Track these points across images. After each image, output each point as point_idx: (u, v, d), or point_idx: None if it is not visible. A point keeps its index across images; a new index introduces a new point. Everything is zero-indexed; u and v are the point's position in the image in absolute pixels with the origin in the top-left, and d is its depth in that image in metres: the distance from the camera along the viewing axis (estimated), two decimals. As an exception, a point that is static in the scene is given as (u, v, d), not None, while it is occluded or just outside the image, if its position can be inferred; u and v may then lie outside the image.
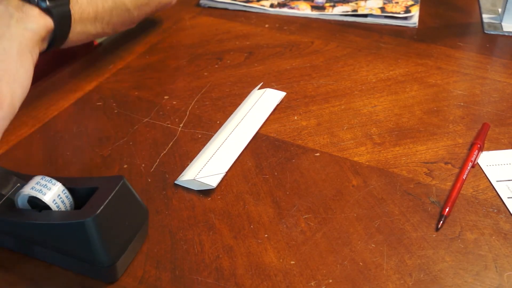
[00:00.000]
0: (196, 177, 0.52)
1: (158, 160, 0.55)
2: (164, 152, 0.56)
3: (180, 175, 0.53)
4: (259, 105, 0.62)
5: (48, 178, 0.43)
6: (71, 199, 0.43)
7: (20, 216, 0.42)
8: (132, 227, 0.44)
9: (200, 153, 0.56)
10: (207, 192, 0.52)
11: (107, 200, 0.41)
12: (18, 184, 0.45)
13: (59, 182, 0.43)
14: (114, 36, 0.78)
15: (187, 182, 0.52)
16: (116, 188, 0.42)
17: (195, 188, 0.52)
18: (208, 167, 0.53)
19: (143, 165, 0.55)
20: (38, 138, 0.59)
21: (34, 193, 0.42)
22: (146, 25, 0.81)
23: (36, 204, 0.42)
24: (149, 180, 0.53)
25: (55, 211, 0.42)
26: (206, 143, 0.57)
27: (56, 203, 0.42)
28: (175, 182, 0.53)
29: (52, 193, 0.42)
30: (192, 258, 0.45)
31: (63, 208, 0.42)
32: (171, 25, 0.81)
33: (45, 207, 0.42)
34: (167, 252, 0.46)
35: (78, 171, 0.54)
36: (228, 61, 0.72)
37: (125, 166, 0.55)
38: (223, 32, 0.79)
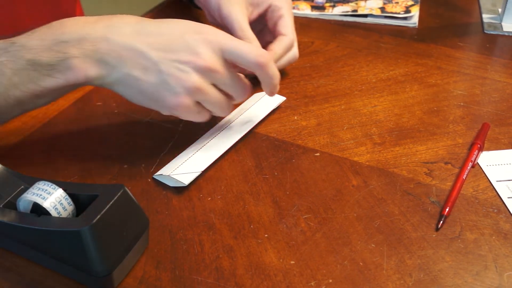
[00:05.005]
0: (171, 174, 0.52)
1: (158, 160, 0.55)
2: (164, 152, 0.56)
3: (160, 170, 0.54)
4: (254, 109, 0.62)
5: (49, 183, 0.42)
6: (72, 205, 0.43)
7: (18, 220, 0.42)
8: (131, 237, 0.43)
9: (186, 150, 0.56)
10: (207, 192, 0.52)
11: (105, 210, 0.40)
12: (22, 187, 0.45)
13: (60, 188, 0.42)
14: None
15: (163, 178, 0.53)
16: (115, 197, 0.42)
17: (171, 184, 0.52)
18: (186, 165, 0.53)
19: (143, 165, 0.55)
20: (38, 138, 0.59)
21: (34, 198, 0.41)
22: (146, 25, 0.81)
23: (39, 208, 0.42)
24: (149, 180, 0.53)
25: (53, 217, 0.41)
26: (206, 143, 0.57)
27: (56, 208, 0.42)
28: (153, 176, 0.53)
29: (52, 198, 0.42)
30: (192, 258, 0.45)
31: (63, 214, 0.42)
32: (171, 25, 0.81)
33: (46, 212, 0.42)
34: (167, 252, 0.46)
35: (78, 171, 0.54)
36: (228, 61, 0.72)
37: (125, 166, 0.55)
38: (223, 32, 0.79)
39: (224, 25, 0.64)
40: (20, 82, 0.48)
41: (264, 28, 0.68)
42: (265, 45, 0.68)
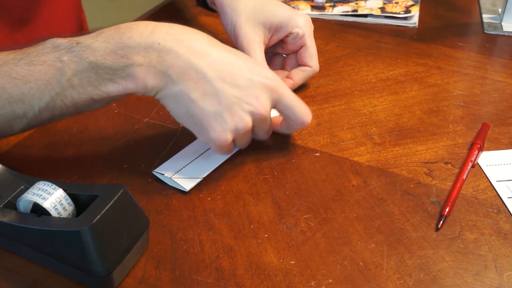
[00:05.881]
0: (173, 176, 0.52)
1: (158, 160, 0.55)
2: (164, 152, 0.56)
3: (161, 165, 0.54)
4: None
5: (49, 183, 0.42)
6: (72, 205, 0.43)
7: (18, 220, 0.42)
8: (131, 237, 0.43)
9: (187, 147, 0.56)
10: (207, 192, 0.52)
11: (104, 210, 0.40)
12: (22, 187, 0.45)
13: (60, 188, 0.42)
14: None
15: (164, 177, 0.53)
16: (115, 198, 0.41)
17: (170, 183, 0.52)
18: (188, 169, 0.53)
19: (143, 165, 0.55)
20: (38, 138, 0.59)
21: (34, 198, 0.41)
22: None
23: (39, 208, 0.42)
24: (149, 180, 0.53)
25: (53, 217, 0.41)
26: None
27: (56, 208, 0.42)
28: (153, 172, 0.53)
29: (52, 198, 0.42)
30: (192, 258, 0.45)
31: (64, 214, 0.42)
32: (171, 25, 0.81)
33: (46, 212, 0.42)
34: (167, 252, 0.46)
35: (78, 171, 0.54)
36: (228, 61, 0.72)
37: (125, 166, 0.55)
38: (223, 32, 0.79)
39: (237, 49, 0.63)
40: (79, 84, 0.47)
41: (277, 43, 0.67)
42: (272, 55, 0.67)
